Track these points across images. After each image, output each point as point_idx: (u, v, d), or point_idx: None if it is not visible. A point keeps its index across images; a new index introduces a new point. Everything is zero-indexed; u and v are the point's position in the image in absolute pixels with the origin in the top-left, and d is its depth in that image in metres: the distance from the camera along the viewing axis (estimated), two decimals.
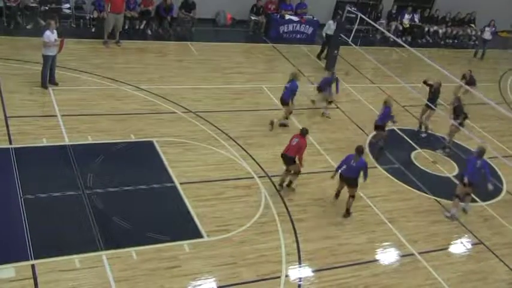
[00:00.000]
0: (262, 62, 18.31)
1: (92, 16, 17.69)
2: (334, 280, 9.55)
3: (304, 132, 11.37)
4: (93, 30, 17.59)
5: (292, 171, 11.47)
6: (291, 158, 11.25)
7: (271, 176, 11.91)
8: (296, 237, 10.35)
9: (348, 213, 11.24)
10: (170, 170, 11.37)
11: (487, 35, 22.34)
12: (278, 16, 20.46)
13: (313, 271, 9.68)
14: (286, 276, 9.41)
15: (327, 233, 10.67)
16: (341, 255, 10.17)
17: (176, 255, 9.30)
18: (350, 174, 11.00)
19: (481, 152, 11.83)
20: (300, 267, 9.69)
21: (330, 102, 15.07)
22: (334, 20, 18.78)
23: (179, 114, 13.60)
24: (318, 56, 19.05)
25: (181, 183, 11.04)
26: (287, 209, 11.07)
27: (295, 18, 20.55)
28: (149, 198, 10.55)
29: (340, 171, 11.08)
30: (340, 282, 9.54)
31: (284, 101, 13.84)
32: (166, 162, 11.60)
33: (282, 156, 11.39)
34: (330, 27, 18.66)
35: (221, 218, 10.41)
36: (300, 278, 9.45)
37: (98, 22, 17.42)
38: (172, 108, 13.78)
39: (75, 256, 8.77)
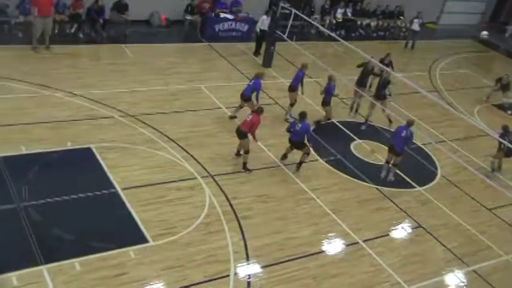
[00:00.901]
0: (199, 61, 18.19)
1: (17, 21, 17.01)
2: (283, 274, 9.63)
3: (258, 111, 12.26)
4: (20, 35, 16.90)
5: (242, 150, 12.30)
6: (242, 132, 12.07)
7: (214, 175, 11.87)
8: (243, 235, 10.36)
9: (300, 165, 12.49)
10: (111, 176, 11.12)
11: (416, 27, 23.14)
12: (213, 15, 20.39)
13: (261, 267, 9.72)
14: (235, 274, 9.41)
15: (273, 228, 10.74)
16: (288, 249, 10.26)
17: (122, 262, 9.11)
18: (296, 138, 12.32)
19: (409, 122, 12.85)
20: (249, 264, 9.72)
21: (292, 105, 15.03)
22: (268, 15, 18.88)
23: (117, 119, 13.32)
24: (256, 53, 19.12)
25: (123, 189, 10.82)
26: (232, 207, 11.06)
27: (230, 17, 20.53)
28: (91, 206, 10.28)
29: (289, 136, 12.49)
30: (289, 275, 9.63)
31: (244, 96, 14.08)
32: (106, 168, 11.33)
33: (236, 131, 12.23)
34: (264, 22, 18.75)
35: (166, 221, 10.27)
36: (249, 275, 9.47)
37: (25, 27, 16.77)
38: (109, 113, 13.48)
39: (12, 274, 8.39)
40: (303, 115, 12.43)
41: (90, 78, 15.14)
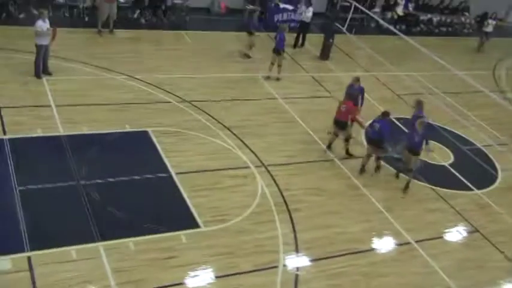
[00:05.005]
0: (257, 51, 18.12)
1: (84, 5, 17.53)
2: (331, 269, 9.54)
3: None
4: (86, 19, 17.43)
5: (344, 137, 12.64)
6: (342, 122, 12.45)
7: (268, 165, 11.87)
8: (293, 227, 10.33)
9: (378, 168, 12.50)
10: (166, 160, 11.30)
11: (490, 28, 22.06)
12: (272, 5, 20.30)
13: (310, 260, 9.67)
14: (284, 266, 9.39)
15: (324, 222, 10.65)
16: (338, 244, 10.16)
17: (173, 245, 9.26)
18: (376, 136, 11.98)
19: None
20: (298, 256, 9.69)
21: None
22: (307, 6, 18.55)
23: (174, 104, 13.51)
24: (294, 46, 18.82)
25: (177, 173, 10.98)
26: (284, 198, 11.04)
27: (289, 7, 20.41)
28: (145, 188, 10.49)
29: (367, 135, 12.49)
30: (338, 271, 9.54)
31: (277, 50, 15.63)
32: (161, 152, 11.53)
33: (334, 122, 12.54)
34: (305, 14, 18.47)
35: (218, 208, 10.37)
36: (297, 268, 9.44)
37: (92, 11, 17.26)
38: (167, 98, 13.69)
39: (71, 247, 8.71)
40: (384, 113, 12.07)
41: (150, 63, 15.42)
